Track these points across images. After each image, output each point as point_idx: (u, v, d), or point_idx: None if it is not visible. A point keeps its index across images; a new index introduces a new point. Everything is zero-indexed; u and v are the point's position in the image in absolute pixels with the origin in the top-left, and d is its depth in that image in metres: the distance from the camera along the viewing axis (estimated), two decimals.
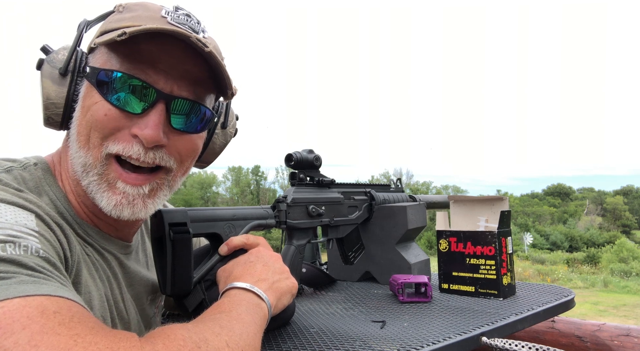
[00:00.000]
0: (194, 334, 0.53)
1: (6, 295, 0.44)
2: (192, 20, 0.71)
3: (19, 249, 0.50)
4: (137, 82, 0.66)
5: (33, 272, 0.49)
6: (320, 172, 1.17)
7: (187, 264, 0.77)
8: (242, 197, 43.60)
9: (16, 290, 0.45)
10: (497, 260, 1.04)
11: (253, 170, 46.13)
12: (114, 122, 0.66)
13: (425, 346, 0.72)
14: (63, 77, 0.69)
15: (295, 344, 0.77)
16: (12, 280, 0.46)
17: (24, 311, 0.43)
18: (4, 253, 0.48)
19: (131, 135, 0.67)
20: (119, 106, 0.66)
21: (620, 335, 1.18)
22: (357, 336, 0.79)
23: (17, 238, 0.51)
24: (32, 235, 0.54)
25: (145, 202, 0.70)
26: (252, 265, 0.77)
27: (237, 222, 0.89)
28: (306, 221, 1.09)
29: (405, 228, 1.25)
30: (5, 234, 0.51)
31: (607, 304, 14.85)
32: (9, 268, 0.47)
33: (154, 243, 0.79)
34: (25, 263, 0.49)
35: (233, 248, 0.83)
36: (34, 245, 0.52)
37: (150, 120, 0.67)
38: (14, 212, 0.56)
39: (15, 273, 0.47)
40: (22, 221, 0.55)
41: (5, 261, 0.48)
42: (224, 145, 0.93)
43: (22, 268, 0.48)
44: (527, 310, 0.94)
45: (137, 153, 0.67)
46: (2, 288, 0.45)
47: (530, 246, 32.21)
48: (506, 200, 1.16)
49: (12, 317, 0.42)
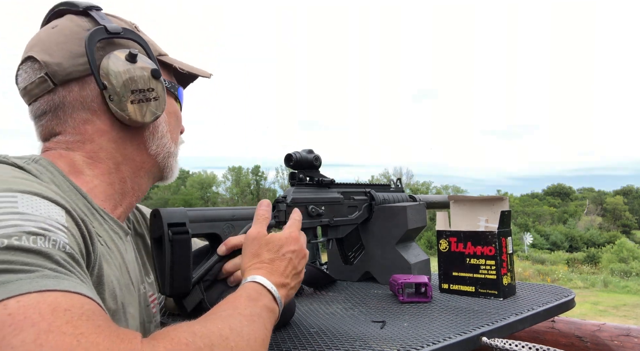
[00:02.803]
0: (199, 339, 0.52)
1: (26, 289, 0.45)
2: None
3: (48, 243, 0.51)
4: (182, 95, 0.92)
5: (57, 267, 0.50)
6: (319, 172, 1.17)
7: (186, 264, 0.76)
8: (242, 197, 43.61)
9: (37, 285, 0.46)
10: (497, 260, 1.04)
11: (253, 170, 46.14)
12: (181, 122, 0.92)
13: (425, 346, 0.72)
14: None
15: (295, 344, 0.77)
16: (35, 274, 0.47)
17: (37, 307, 0.44)
18: (34, 245, 0.50)
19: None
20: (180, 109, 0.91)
21: (620, 335, 1.18)
22: (357, 336, 0.79)
23: (48, 231, 0.53)
24: (61, 230, 0.56)
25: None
26: (284, 261, 0.76)
27: (236, 222, 0.89)
28: (306, 221, 1.08)
29: (405, 228, 1.24)
30: (38, 227, 0.52)
31: (607, 304, 14.85)
32: (34, 261, 0.49)
33: (153, 243, 0.79)
34: (52, 257, 0.50)
35: (231, 248, 0.84)
36: (62, 240, 0.54)
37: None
38: (47, 206, 0.57)
39: (40, 266, 0.49)
40: (54, 216, 0.57)
41: (34, 253, 0.49)
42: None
43: (47, 261, 0.50)
44: (527, 310, 0.93)
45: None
46: (24, 282, 0.46)
47: (530, 246, 32.21)
48: (506, 200, 1.16)
49: (25, 314, 0.43)
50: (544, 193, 59.24)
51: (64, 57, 0.72)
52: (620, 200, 50.48)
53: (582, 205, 52.58)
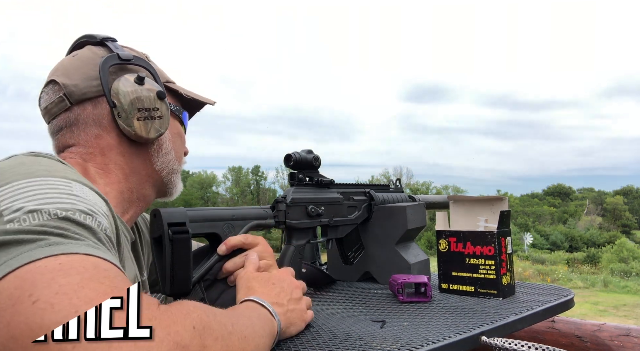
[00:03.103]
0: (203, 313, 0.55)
1: (77, 250, 0.53)
2: None
3: (94, 222, 0.59)
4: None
5: (99, 242, 0.58)
6: (319, 172, 1.17)
7: (186, 264, 0.77)
8: (242, 197, 43.63)
9: (84, 249, 0.54)
10: (496, 260, 1.04)
11: (253, 170, 46.16)
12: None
13: (425, 346, 0.72)
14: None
15: (295, 343, 0.77)
16: (83, 242, 0.55)
17: (83, 263, 0.52)
18: (85, 221, 0.58)
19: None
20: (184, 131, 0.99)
21: (620, 335, 1.18)
22: (357, 336, 0.79)
23: (95, 214, 0.61)
24: (104, 216, 0.64)
25: None
26: (272, 286, 0.79)
27: (236, 222, 0.89)
28: (305, 221, 1.09)
29: (405, 228, 1.24)
30: (88, 208, 0.60)
31: (607, 304, 14.85)
32: (83, 232, 0.56)
33: (153, 243, 0.79)
34: (97, 233, 0.58)
35: (231, 247, 0.84)
36: (105, 223, 0.62)
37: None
38: (94, 195, 0.66)
39: (86, 237, 0.56)
40: (99, 203, 0.65)
41: (84, 227, 0.57)
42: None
43: (92, 235, 0.57)
44: (526, 310, 0.94)
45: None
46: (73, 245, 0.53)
47: (530, 246, 32.21)
48: (506, 200, 1.16)
49: (72, 265, 0.51)
50: (544, 193, 59.24)
51: (80, 79, 0.81)
52: (620, 200, 50.48)
53: (582, 205, 52.59)
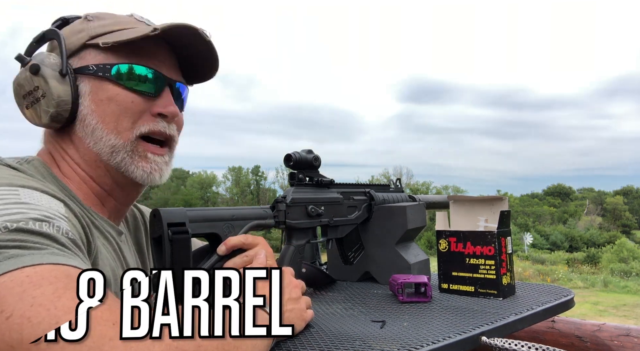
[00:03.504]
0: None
1: (40, 261, 0.50)
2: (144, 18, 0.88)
3: (52, 228, 0.56)
4: (151, 71, 0.81)
5: (63, 248, 0.55)
6: (319, 172, 1.17)
7: (185, 264, 0.77)
8: (242, 197, 43.63)
9: (49, 259, 0.51)
10: (496, 260, 1.04)
11: (253, 170, 46.15)
12: (140, 106, 0.80)
13: (425, 346, 0.72)
14: (63, 77, 0.77)
15: (295, 344, 0.77)
16: (45, 251, 0.52)
17: (53, 273, 0.50)
18: (41, 229, 0.55)
19: (152, 114, 0.81)
20: (142, 91, 0.80)
21: (620, 335, 1.18)
22: (357, 336, 0.79)
23: (51, 219, 0.58)
24: (62, 219, 0.61)
25: (167, 167, 0.86)
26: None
27: (236, 222, 0.89)
28: (305, 221, 1.09)
29: (405, 228, 1.24)
30: (42, 215, 0.57)
31: (607, 304, 14.85)
32: (43, 241, 0.54)
33: (153, 243, 0.79)
34: (58, 239, 0.55)
35: (231, 248, 0.84)
36: (64, 226, 0.59)
37: (166, 100, 0.83)
38: (48, 199, 0.63)
39: (48, 245, 0.54)
40: (54, 207, 0.62)
41: (42, 235, 0.54)
42: None
43: (54, 242, 0.55)
44: (526, 310, 0.93)
45: (163, 127, 0.82)
46: (37, 255, 0.51)
47: (530, 246, 32.20)
48: (506, 200, 1.16)
49: (42, 275, 0.49)
50: (544, 193, 59.21)
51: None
52: (620, 200, 50.47)
53: (582, 205, 52.57)
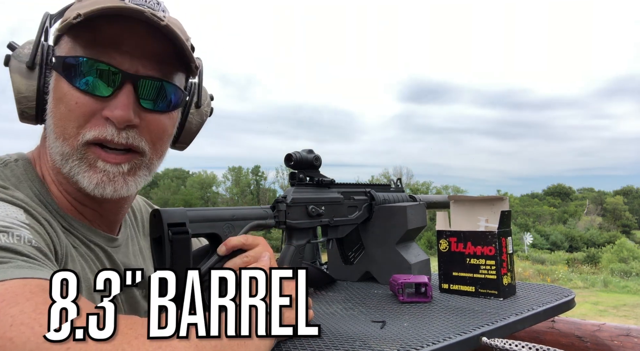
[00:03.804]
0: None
1: (6, 276, 0.46)
2: (151, 0, 0.71)
3: (12, 238, 0.52)
4: (103, 65, 0.68)
5: (28, 258, 0.51)
6: (320, 172, 1.17)
7: (186, 265, 0.76)
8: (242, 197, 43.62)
9: (14, 273, 0.47)
10: (497, 260, 1.04)
11: (253, 170, 46.16)
12: (85, 108, 0.68)
13: (425, 346, 0.72)
14: (31, 70, 0.70)
15: (294, 344, 0.77)
16: (9, 265, 0.48)
17: (26, 288, 0.46)
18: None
19: (103, 118, 0.69)
20: (88, 91, 0.67)
21: (620, 335, 1.18)
22: (357, 336, 0.79)
23: (9, 228, 0.53)
24: (23, 226, 0.56)
25: (125, 180, 0.73)
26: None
27: (236, 222, 0.88)
28: (306, 221, 1.08)
29: (405, 228, 1.24)
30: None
31: (607, 304, 14.85)
32: (5, 254, 0.49)
33: (153, 244, 0.79)
34: (20, 251, 0.51)
35: (231, 248, 0.83)
36: (26, 235, 0.54)
37: (119, 102, 0.68)
38: (4, 207, 0.57)
39: (11, 258, 0.49)
40: (12, 214, 0.57)
41: (1, 248, 0.49)
42: (200, 125, 0.93)
43: (17, 254, 0.50)
44: (527, 310, 0.93)
45: (111, 135, 0.69)
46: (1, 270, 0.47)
47: (530, 246, 32.20)
48: (506, 200, 1.16)
49: (15, 292, 0.44)
50: (544, 193, 59.21)
51: None
52: (620, 200, 50.46)
53: (582, 205, 52.56)
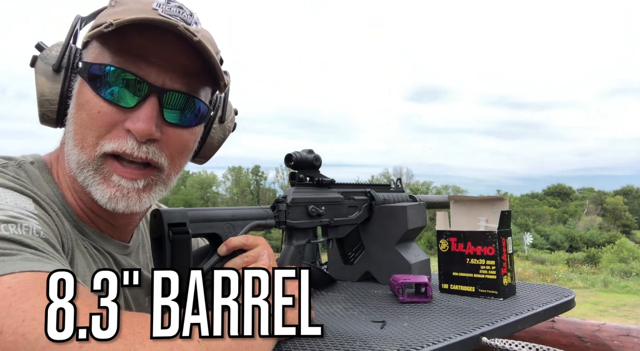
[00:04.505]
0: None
1: (16, 269, 0.45)
2: (185, 12, 0.70)
3: (21, 229, 0.51)
4: (130, 75, 0.66)
5: (36, 251, 0.50)
6: (320, 172, 1.17)
7: (186, 265, 0.76)
8: (242, 197, 43.63)
9: (23, 266, 0.46)
10: (497, 260, 1.04)
11: (253, 170, 46.17)
12: (108, 118, 0.67)
13: (425, 347, 0.72)
14: (57, 73, 0.69)
15: (295, 344, 0.77)
16: (18, 257, 0.47)
17: (37, 281, 0.45)
18: (7, 232, 0.50)
19: (125, 130, 0.67)
20: (112, 101, 0.66)
21: (620, 335, 1.18)
22: (357, 336, 0.79)
23: (18, 219, 0.52)
24: (32, 217, 0.55)
25: (140, 196, 0.71)
26: None
27: (236, 222, 0.88)
28: (306, 221, 1.08)
29: (405, 228, 1.24)
30: (7, 215, 0.52)
31: (607, 304, 14.85)
32: (13, 246, 0.49)
33: (153, 244, 0.79)
34: (28, 243, 0.50)
35: (232, 248, 0.83)
36: (34, 226, 0.54)
37: (142, 114, 0.67)
38: (13, 196, 0.57)
39: (19, 251, 0.49)
40: (22, 204, 0.56)
41: (9, 240, 0.49)
42: (222, 140, 0.91)
43: (25, 247, 0.50)
44: (527, 310, 0.93)
45: (131, 148, 0.67)
46: (10, 262, 0.46)
47: (530, 246, 32.21)
48: (506, 200, 1.16)
49: (27, 285, 0.44)
50: (544, 193, 59.21)
51: None
52: (620, 200, 50.44)
53: (582, 205, 52.55)
